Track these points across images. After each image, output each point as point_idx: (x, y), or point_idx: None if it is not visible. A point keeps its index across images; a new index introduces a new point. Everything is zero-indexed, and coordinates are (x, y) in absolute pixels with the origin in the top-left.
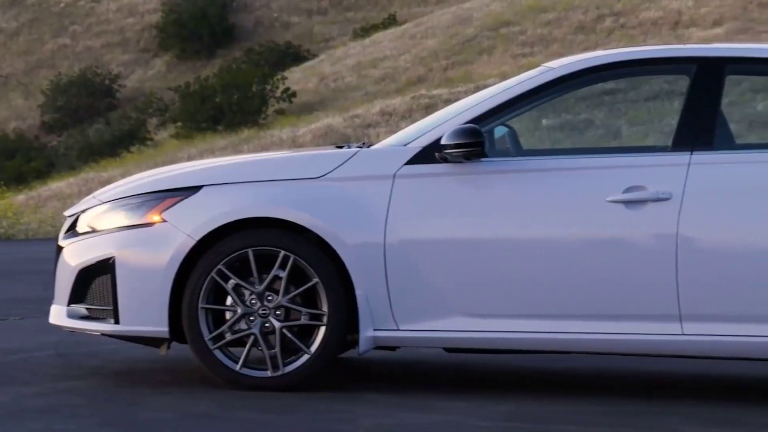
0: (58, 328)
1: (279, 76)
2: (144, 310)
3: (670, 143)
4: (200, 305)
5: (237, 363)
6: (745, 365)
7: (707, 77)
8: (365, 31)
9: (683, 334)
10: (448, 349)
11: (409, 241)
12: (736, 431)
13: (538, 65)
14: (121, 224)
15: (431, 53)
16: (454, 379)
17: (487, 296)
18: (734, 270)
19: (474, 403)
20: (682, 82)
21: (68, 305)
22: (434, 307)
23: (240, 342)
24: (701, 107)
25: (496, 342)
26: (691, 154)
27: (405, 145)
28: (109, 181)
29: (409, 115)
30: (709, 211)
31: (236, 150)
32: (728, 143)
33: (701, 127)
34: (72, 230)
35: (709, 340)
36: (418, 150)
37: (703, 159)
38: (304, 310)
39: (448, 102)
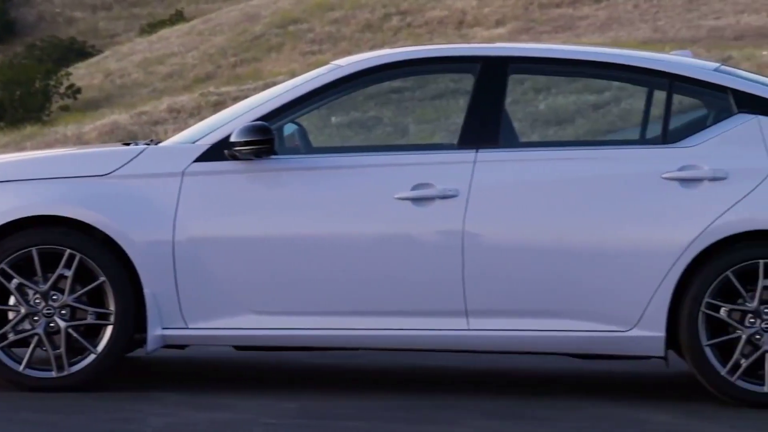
0: None
1: (63, 72)
2: None
3: (456, 141)
4: None
5: (20, 364)
6: (528, 359)
7: (491, 76)
8: (152, 27)
9: (469, 330)
10: (237, 347)
11: (198, 239)
12: (519, 424)
13: (326, 63)
14: None
15: (219, 50)
16: (243, 376)
17: (276, 293)
18: (518, 266)
19: (263, 400)
20: (468, 81)
21: None
22: (223, 305)
23: (24, 342)
24: (486, 106)
25: (285, 339)
26: (477, 152)
27: (194, 143)
28: None
29: (198, 113)
30: (494, 208)
31: (19, 147)
32: (512, 141)
33: (486, 126)
34: None
35: (494, 334)
36: (207, 147)
37: (488, 157)
38: (90, 309)
39: (236, 99)
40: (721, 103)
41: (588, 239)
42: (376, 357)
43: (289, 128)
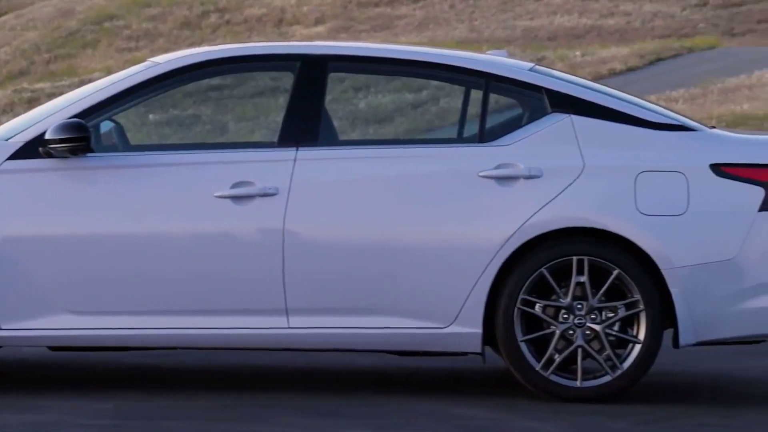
0: None
1: None
2: None
3: (276, 139)
4: None
5: None
6: (348, 356)
7: (311, 74)
8: None
9: (289, 328)
10: (52, 348)
11: (11, 238)
12: (338, 421)
13: (143, 60)
14: None
15: (33, 46)
16: (58, 377)
17: (92, 293)
18: (338, 264)
19: (79, 401)
20: (287, 79)
21: None
22: (38, 305)
23: None
24: (306, 104)
25: (102, 339)
26: (297, 150)
27: (7, 140)
28: None
29: (11, 109)
30: (314, 206)
31: None
32: (332, 139)
33: (306, 124)
34: None
35: (314, 332)
36: (20, 145)
37: (308, 155)
38: None
39: (51, 96)
40: (536, 102)
41: (406, 237)
42: (194, 356)
43: (105, 126)
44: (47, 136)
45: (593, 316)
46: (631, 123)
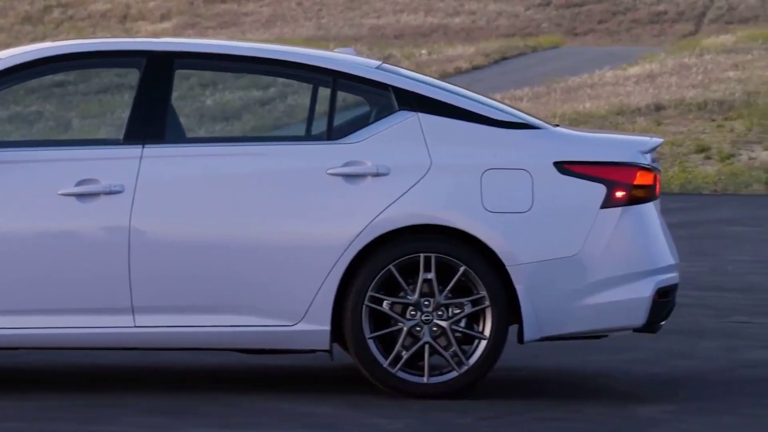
0: None
1: None
2: None
3: (122, 137)
4: None
5: None
6: (194, 355)
7: (157, 71)
8: None
9: (135, 327)
10: None
11: None
12: (182, 420)
13: None
14: None
15: None
16: None
17: None
18: (185, 262)
19: None
20: (133, 76)
21: None
22: None
23: None
24: (152, 101)
25: None
26: (143, 147)
27: None
28: None
29: None
30: (160, 204)
31: None
32: (179, 137)
33: (152, 121)
34: None
35: (161, 331)
36: None
37: (154, 152)
38: None
39: None
40: (383, 100)
41: (254, 235)
42: (36, 356)
43: None
44: None
45: (440, 313)
46: (477, 121)
